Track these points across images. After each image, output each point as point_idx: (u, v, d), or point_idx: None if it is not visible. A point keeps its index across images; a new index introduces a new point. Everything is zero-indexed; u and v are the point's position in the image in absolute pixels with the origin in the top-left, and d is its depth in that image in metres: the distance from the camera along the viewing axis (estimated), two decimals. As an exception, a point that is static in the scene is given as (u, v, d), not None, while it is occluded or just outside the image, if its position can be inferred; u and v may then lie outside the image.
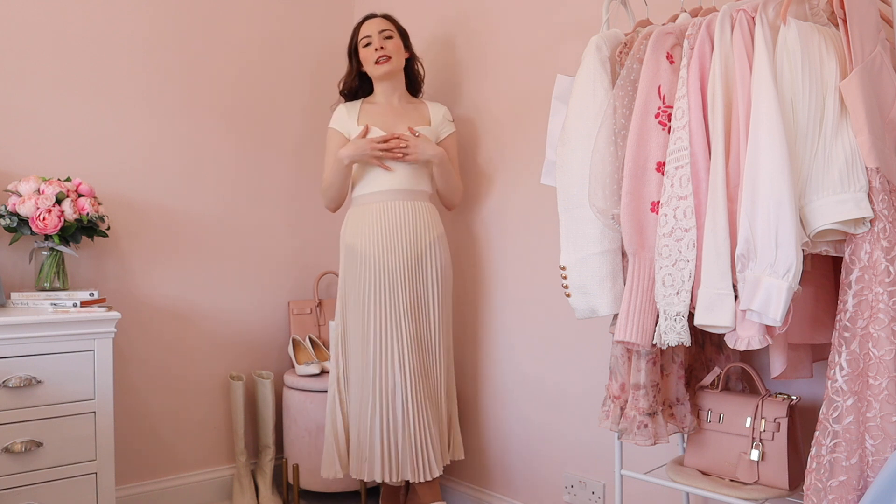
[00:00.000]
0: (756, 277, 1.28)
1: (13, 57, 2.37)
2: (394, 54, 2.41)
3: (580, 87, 1.59)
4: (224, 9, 2.81)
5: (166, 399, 2.66)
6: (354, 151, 2.32)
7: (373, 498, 2.72)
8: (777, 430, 1.55)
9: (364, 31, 2.43)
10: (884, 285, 1.23)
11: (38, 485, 1.97)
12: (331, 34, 3.09)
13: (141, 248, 2.61)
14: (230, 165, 2.82)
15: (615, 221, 1.51)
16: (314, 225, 3.05)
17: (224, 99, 2.81)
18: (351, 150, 2.32)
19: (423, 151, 2.34)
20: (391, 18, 2.47)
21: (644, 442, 1.58)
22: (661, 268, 1.42)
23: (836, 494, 1.28)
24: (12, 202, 2.23)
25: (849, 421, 1.27)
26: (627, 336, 1.47)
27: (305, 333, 2.93)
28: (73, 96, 2.48)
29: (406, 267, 2.31)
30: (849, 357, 1.28)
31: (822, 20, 1.38)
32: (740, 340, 1.33)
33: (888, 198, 1.25)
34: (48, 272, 2.28)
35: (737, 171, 1.34)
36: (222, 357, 2.80)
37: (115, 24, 2.56)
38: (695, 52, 1.42)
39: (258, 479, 2.76)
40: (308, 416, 2.63)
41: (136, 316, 2.59)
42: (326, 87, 3.02)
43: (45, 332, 1.98)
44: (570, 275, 1.59)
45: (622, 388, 1.63)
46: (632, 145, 1.47)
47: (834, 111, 1.27)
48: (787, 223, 1.24)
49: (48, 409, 1.98)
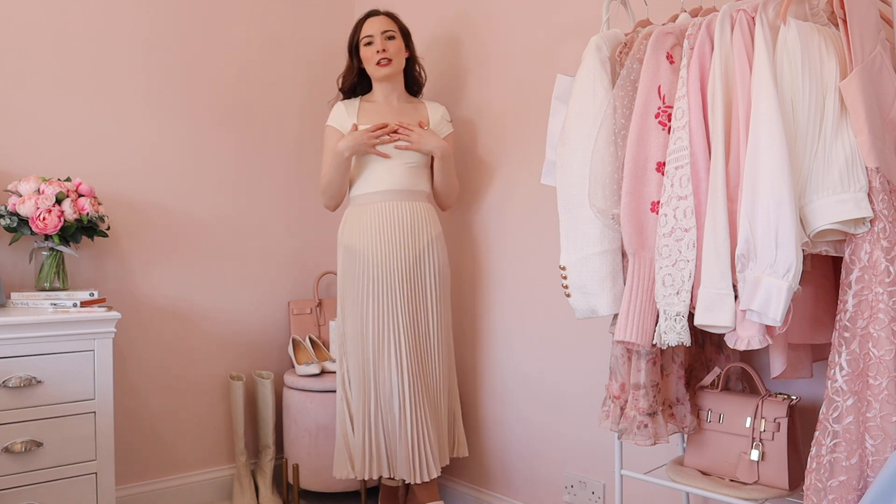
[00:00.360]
0: (756, 277, 1.28)
1: (13, 57, 2.37)
2: (395, 57, 2.40)
3: (580, 87, 1.59)
4: (224, 9, 2.81)
5: (166, 399, 2.66)
6: (353, 142, 2.32)
7: (372, 498, 2.72)
8: (777, 430, 1.55)
9: (366, 30, 2.42)
10: (884, 285, 1.23)
11: (38, 485, 1.97)
12: (331, 34, 3.09)
13: (141, 248, 2.61)
14: (230, 165, 2.82)
15: (615, 221, 1.51)
16: (314, 225, 3.05)
17: (224, 99, 2.81)
18: (349, 141, 2.32)
19: (427, 142, 2.35)
20: (394, 17, 2.46)
21: (644, 442, 1.58)
22: (661, 268, 1.42)
23: (836, 494, 1.28)
24: (12, 202, 2.23)
25: (849, 421, 1.27)
26: (627, 336, 1.47)
27: (305, 333, 2.93)
28: (73, 96, 2.48)
29: (404, 267, 2.31)
30: (849, 357, 1.28)
31: (822, 20, 1.38)
32: (740, 340, 1.33)
33: (888, 198, 1.25)
34: (48, 272, 2.28)
35: (737, 171, 1.34)
36: (222, 357, 2.80)
37: (115, 24, 2.56)
38: (695, 52, 1.42)
39: (258, 479, 2.76)
40: (308, 417, 2.63)
41: (136, 316, 2.59)
42: (326, 88, 3.02)
43: (45, 332, 1.98)
44: (570, 275, 1.59)
45: (622, 388, 1.63)
46: (632, 145, 1.47)
47: (834, 111, 1.27)
48: (787, 223, 1.24)
49: (48, 409, 1.98)
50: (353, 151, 2.33)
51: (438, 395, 2.36)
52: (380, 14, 2.45)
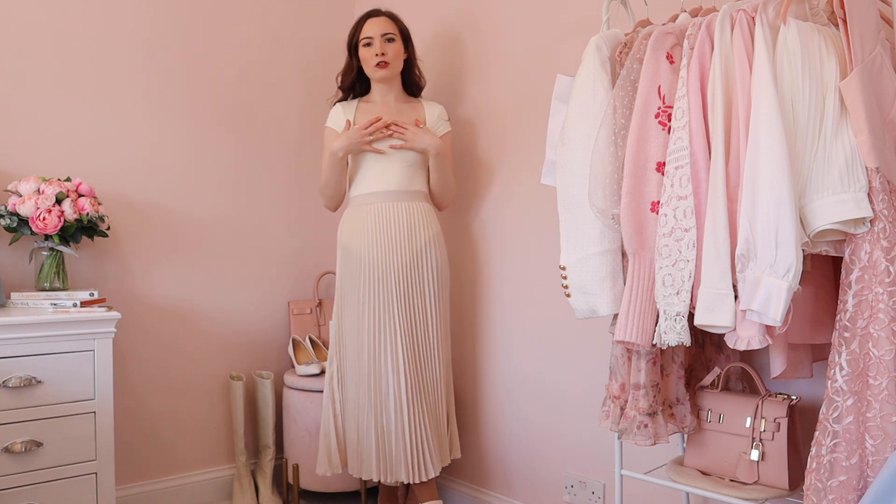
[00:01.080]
0: (756, 277, 1.28)
1: (13, 57, 2.37)
2: (392, 60, 2.40)
3: (580, 87, 1.59)
4: (224, 9, 2.81)
5: (166, 399, 2.66)
6: (346, 142, 2.32)
7: (372, 498, 2.72)
8: (777, 430, 1.55)
9: (366, 31, 2.41)
10: (884, 285, 1.23)
11: (38, 485, 1.97)
12: (331, 34, 3.09)
13: (141, 248, 2.61)
14: (230, 165, 2.82)
15: (615, 221, 1.51)
16: (314, 225, 3.05)
17: (224, 99, 2.81)
18: (343, 141, 2.33)
19: (421, 140, 2.35)
20: (395, 18, 2.45)
21: (644, 442, 1.58)
22: (661, 268, 1.42)
23: (836, 494, 1.28)
24: (12, 202, 2.23)
25: (849, 421, 1.27)
26: (627, 336, 1.47)
27: (305, 333, 2.93)
28: (73, 96, 2.48)
29: (402, 267, 2.31)
30: (849, 357, 1.28)
31: (822, 20, 1.38)
32: (740, 340, 1.33)
33: (888, 198, 1.25)
34: (48, 272, 2.28)
35: (737, 171, 1.34)
36: (222, 357, 2.80)
37: (115, 24, 2.56)
38: (695, 52, 1.42)
39: (258, 479, 2.76)
40: (308, 416, 2.63)
41: (136, 316, 2.59)
42: (326, 88, 3.03)
43: (45, 332, 1.98)
44: (570, 275, 1.59)
45: (622, 388, 1.63)
46: (632, 145, 1.47)
47: (834, 111, 1.27)
48: (787, 223, 1.24)
49: (48, 409, 1.98)
50: (347, 151, 2.34)
51: (437, 395, 2.36)
52: (381, 15, 2.44)
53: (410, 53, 2.49)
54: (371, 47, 2.40)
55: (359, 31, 2.44)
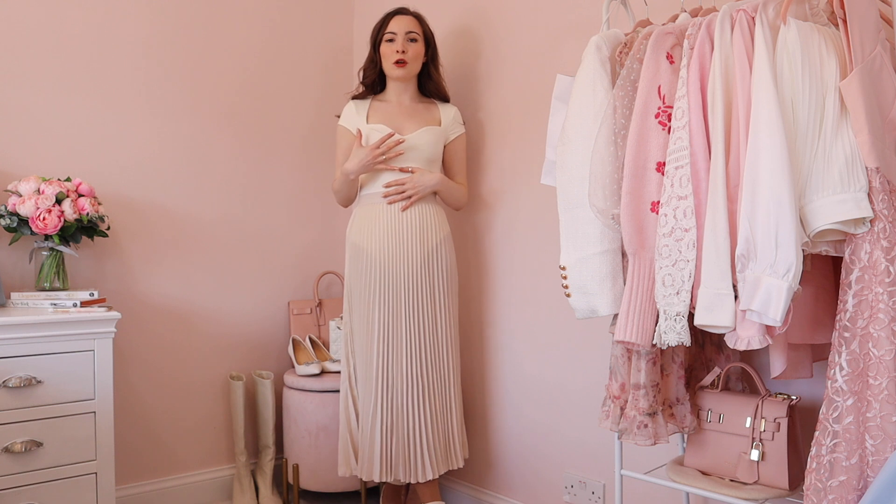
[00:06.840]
0: (756, 277, 1.28)
1: (13, 57, 2.37)
2: (412, 60, 2.39)
3: (580, 86, 1.59)
4: (226, 7, 2.81)
5: (166, 399, 2.66)
6: (358, 165, 2.31)
7: (373, 498, 2.72)
8: (777, 430, 1.55)
9: (392, 27, 2.39)
10: (884, 285, 1.23)
11: (38, 485, 1.97)
12: (334, 33, 3.09)
13: (141, 248, 2.61)
14: (230, 165, 2.82)
15: (615, 221, 1.51)
16: (314, 225, 3.05)
17: (224, 98, 2.81)
18: (354, 164, 2.32)
19: (424, 185, 2.35)
20: (421, 19, 2.44)
21: (644, 442, 1.58)
22: (661, 268, 1.42)
23: (836, 494, 1.28)
24: (12, 202, 2.23)
25: (849, 421, 1.27)
26: (627, 336, 1.47)
27: (305, 333, 2.93)
28: (73, 96, 2.48)
29: (414, 268, 2.31)
30: (849, 357, 1.28)
31: (822, 20, 1.38)
32: (740, 340, 1.33)
33: (888, 198, 1.25)
34: (48, 272, 2.28)
35: (737, 171, 1.34)
36: (222, 357, 2.80)
37: (116, 23, 2.56)
38: (695, 52, 1.42)
39: (258, 479, 2.76)
40: (308, 417, 2.63)
41: (136, 316, 2.59)
42: (328, 88, 3.03)
43: (45, 332, 1.98)
44: (570, 275, 1.59)
45: (622, 388, 1.63)
46: (632, 145, 1.47)
47: (834, 111, 1.27)
48: (787, 223, 1.24)
49: (48, 409, 1.98)
50: (358, 173, 2.34)
51: (445, 396, 2.35)
52: (408, 14, 2.43)
53: (430, 57, 2.47)
54: (393, 44, 2.39)
55: (384, 26, 2.42)
